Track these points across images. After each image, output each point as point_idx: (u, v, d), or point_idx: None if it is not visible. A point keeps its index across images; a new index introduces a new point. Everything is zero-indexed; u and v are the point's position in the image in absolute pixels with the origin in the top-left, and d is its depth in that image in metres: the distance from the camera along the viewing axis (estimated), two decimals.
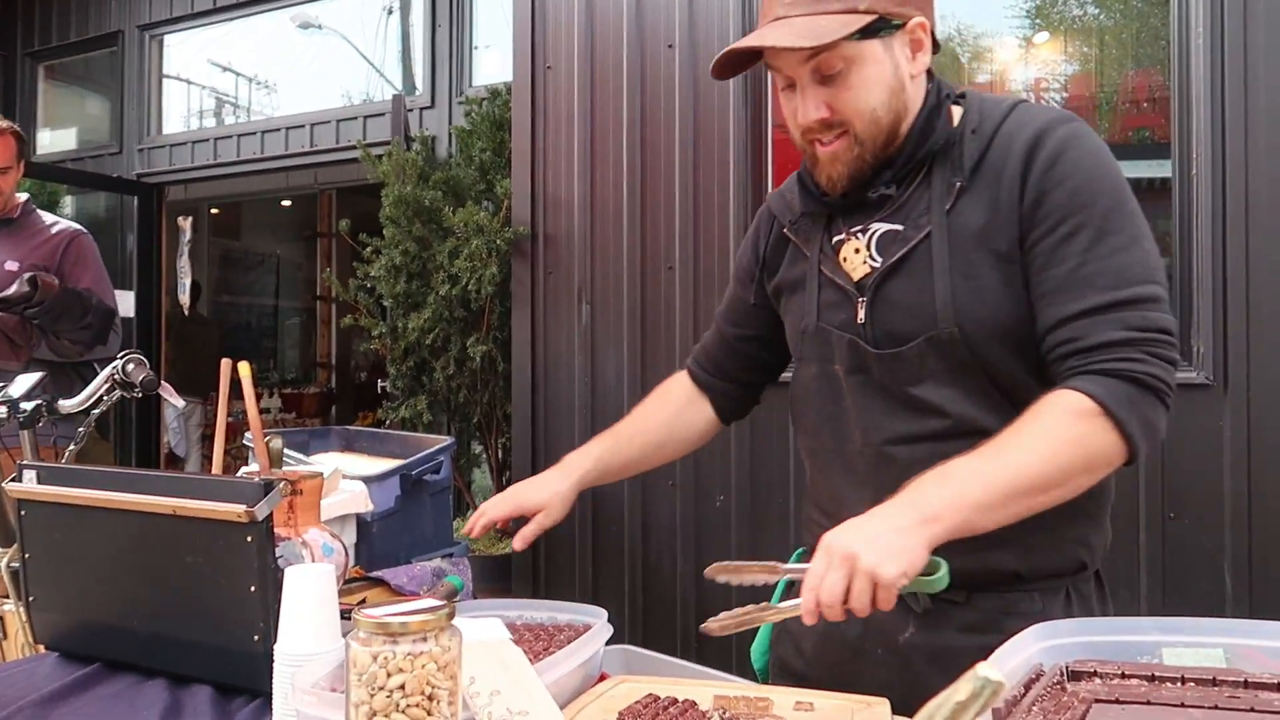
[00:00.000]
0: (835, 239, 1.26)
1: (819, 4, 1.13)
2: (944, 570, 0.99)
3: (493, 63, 4.77)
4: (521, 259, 3.40)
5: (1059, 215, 1.12)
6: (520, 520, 1.42)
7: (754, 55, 1.21)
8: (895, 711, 1.04)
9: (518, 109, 3.44)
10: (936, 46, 1.22)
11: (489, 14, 4.80)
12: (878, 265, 1.21)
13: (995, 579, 1.19)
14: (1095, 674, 0.89)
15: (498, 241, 3.49)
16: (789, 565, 1.08)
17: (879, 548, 0.97)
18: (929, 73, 1.23)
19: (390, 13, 5.31)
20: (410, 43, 5.16)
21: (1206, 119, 2.45)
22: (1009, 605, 1.19)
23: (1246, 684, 0.84)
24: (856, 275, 1.23)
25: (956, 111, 1.22)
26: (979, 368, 1.16)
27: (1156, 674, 0.87)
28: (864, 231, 1.23)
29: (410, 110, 4.76)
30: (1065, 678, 0.90)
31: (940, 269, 1.16)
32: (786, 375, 1.47)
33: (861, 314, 1.21)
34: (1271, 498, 2.37)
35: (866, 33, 1.13)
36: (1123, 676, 0.88)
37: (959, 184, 1.17)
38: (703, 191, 3.10)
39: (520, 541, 1.38)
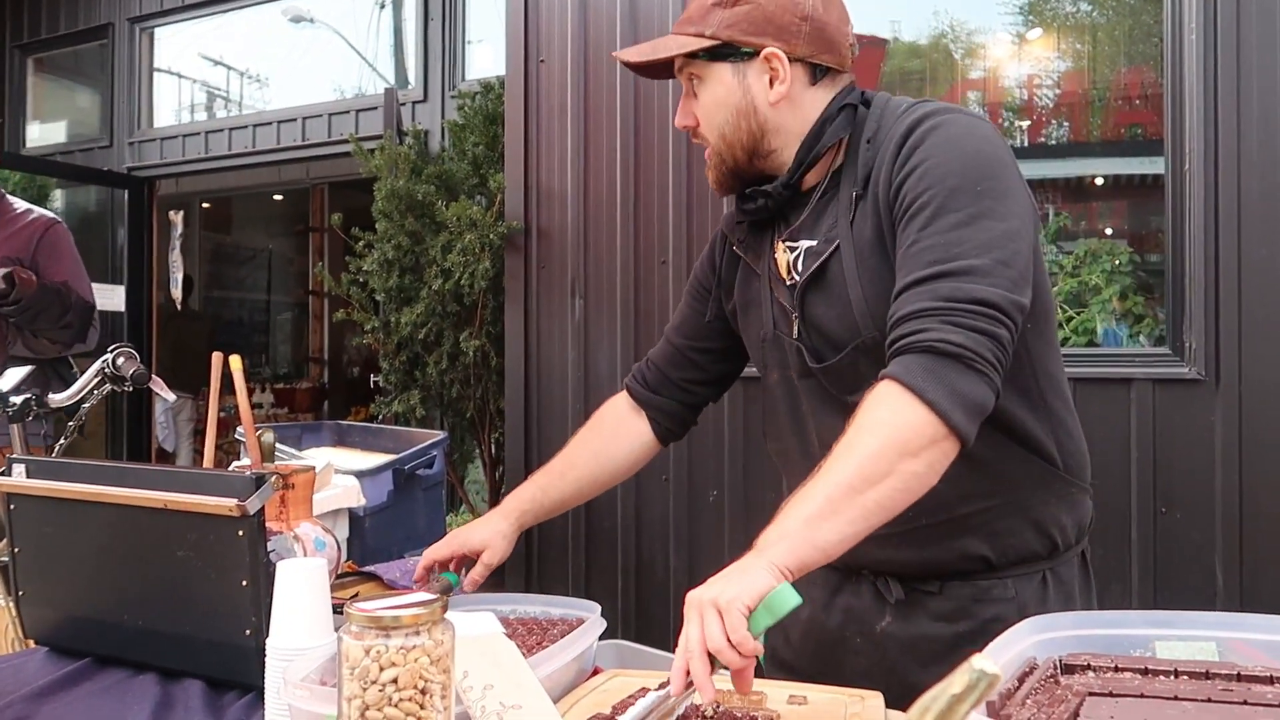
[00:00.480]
0: (776, 254, 1.30)
1: (685, 25, 1.24)
2: (785, 587, 0.94)
3: (485, 56, 4.76)
4: (514, 253, 3.39)
5: (909, 199, 1.12)
6: (469, 563, 1.42)
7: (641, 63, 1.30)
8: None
9: (511, 103, 3.42)
10: (815, 77, 1.23)
11: (482, 7, 4.79)
12: (798, 280, 1.25)
13: (966, 567, 1.21)
14: (1089, 667, 0.89)
15: (490, 236, 3.48)
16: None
17: (719, 585, 0.96)
18: (859, 93, 1.25)
19: (382, 6, 5.29)
20: (403, 36, 5.14)
21: (1199, 115, 2.45)
22: (981, 593, 1.21)
23: (1239, 677, 0.85)
24: (788, 283, 1.27)
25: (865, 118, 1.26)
26: None
27: (1149, 667, 0.88)
28: (791, 247, 1.27)
29: (403, 104, 4.74)
30: (1058, 671, 0.90)
31: (851, 279, 1.18)
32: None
33: (796, 329, 1.25)
34: (1262, 493, 2.38)
35: (715, 55, 1.21)
36: (1116, 670, 0.88)
37: (855, 194, 1.20)
38: (696, 185, 3.09)
39: (469, 585, 1.38)
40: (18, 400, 1.90)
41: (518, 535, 1.43)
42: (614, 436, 1.51)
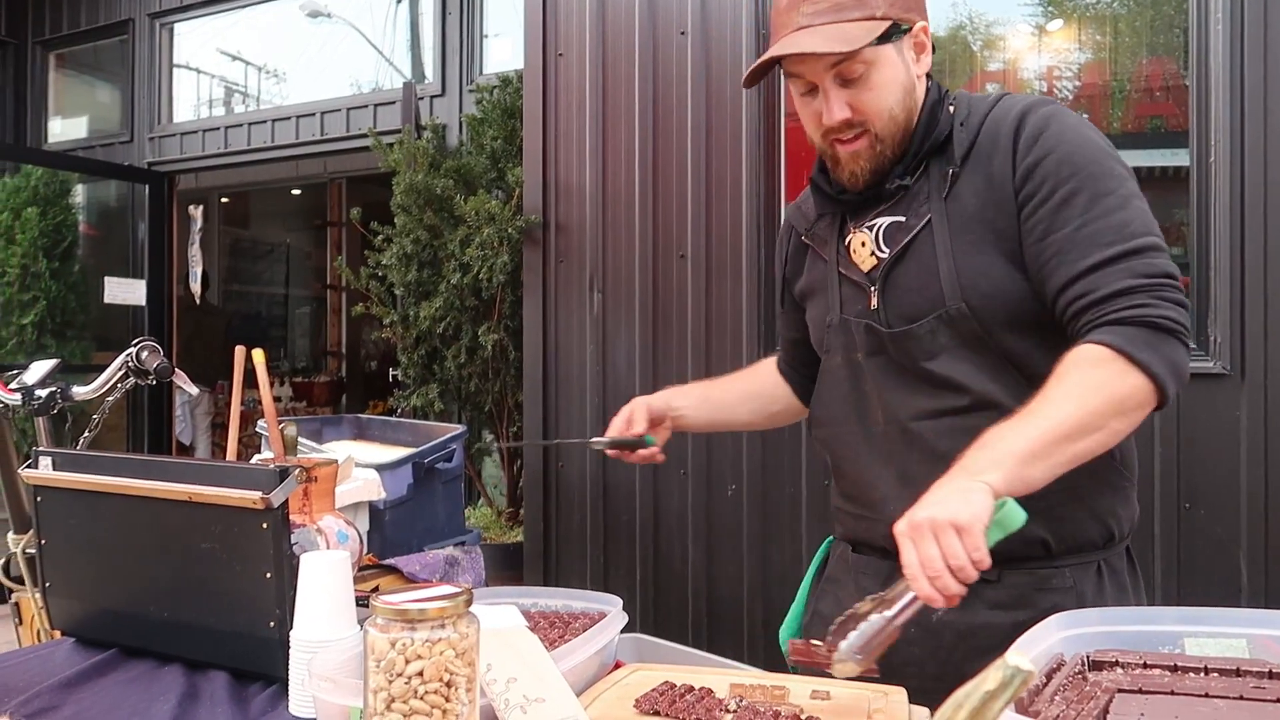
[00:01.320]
0: (846, 239, 1.34)
1: (840, 13, 1.22)
2: (1012, 503, 1.00)
3: (504, 50, 4.75)
4: (533, 247, 3.39)
5: (1052, 183, 1.18)
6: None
7: (771, 63, 1.29)
8: (925, 688, 1.04)
9: (529, 97, 3.42)
10: (934, 48, 1.32)
11: (500, 1, 4.78)
12: (884, 256, 1.28)
13: (1026, 552, 1.22)
14: (1117, 663, 0.88)
15: (509, 230, 3.48)
16: (877, 598, 1.03)
17: (947, 505, 1.00)
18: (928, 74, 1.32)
19: (399, 0, 5.30)
20: (420, 30, 5.14)
21: (1225, 107, 2.42)
22: (1040, 581, 1.22)
23: (1271, 674, 0.83)
24: (865, 267, 1.30)
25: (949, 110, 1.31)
26: (991, 344, 1.21)
27: (1179, 664, 0.87)
28: (870, 227, 1.31)
29: (421, 98, 4.75)
30: (1087, 667, 0.89)
31: (943, 251, 1.23)
32: None
33: (874, 301, 1.29)
34: None
35: (884, 37, 1.22)
36: (1145, 666, 0.87)
37: (952, 171, 1.25)
38: (715, 179, 3.08)
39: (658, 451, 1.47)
40: (43, 393, 1.92)
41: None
42: (777, 381, 1.60)
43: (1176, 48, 2.73)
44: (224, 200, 9.67)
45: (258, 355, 1.48)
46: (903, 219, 1.28)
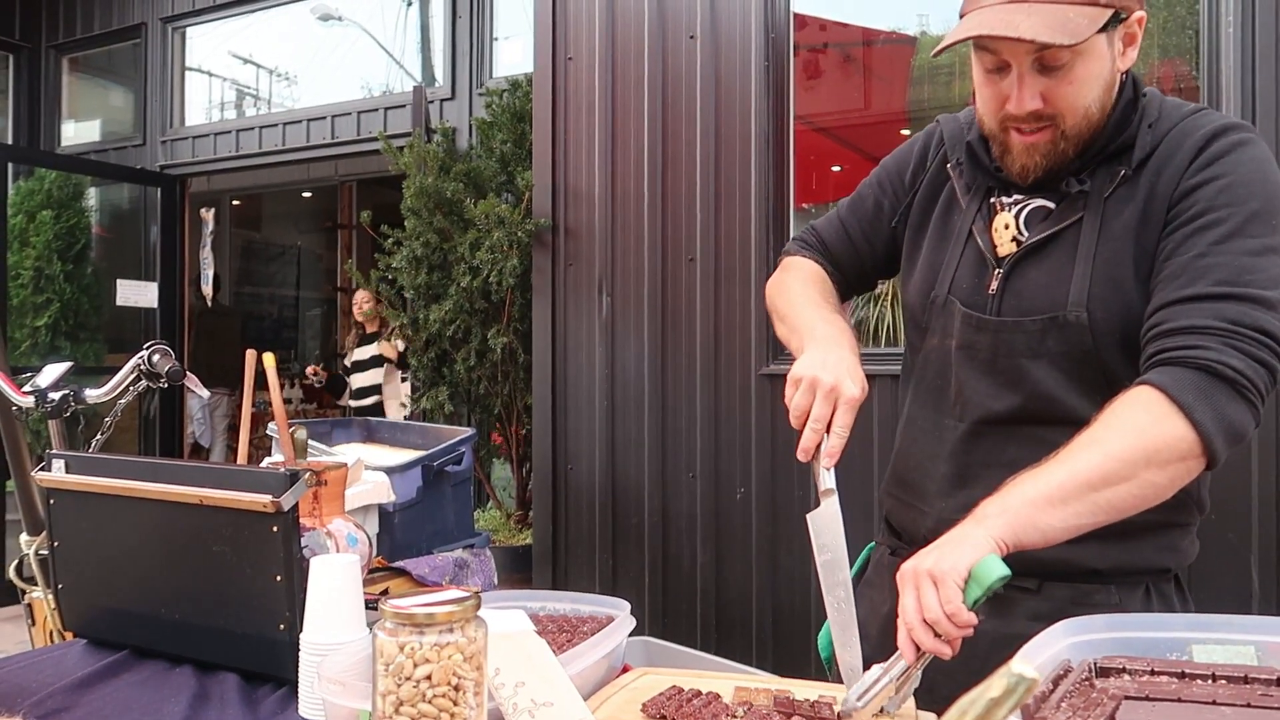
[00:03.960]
0: (991, 200, 1.23)
1: None
2: (991, 557, 0.94)
3: (513, 54, 4.77)
4: (542, 250, 3.40)
5: (1201, 207, 1.07)
6: None
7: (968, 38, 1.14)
8: (956, 696, 1.02)
9: (539, 100, 3.43)
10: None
11: (509, 5, 4.80)
12: (1023, 240, 1.18)
13: (1070, 571, 1.16)
14: (1124, 670, 0.88)
15: (518, 233, 3.49)
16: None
17: (934, 555, 0.96)
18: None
19: (410, 4, 5.32)
20: (430, 34, 5.17)
21: (1237, 108, 2.42)
22: (1081, 596, 1.15)
23: (1279, 681, 0.83)
24: (1003, 249, 1.20)
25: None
26: (1095, 360, 1.12)
27: (1186, 671, 0.86)
28: (1020, 206, 1.20)
29: (431, 102, 4.77)
30: (1094, 674, 0.89)
31: (1084, 254, 1.12)
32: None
33: (994, 285, 1.19)
34: None
35: (1102, 26, 1.08)
36: (1152, 673, 0.87)
37: (1124, 172, 1.14)
38: (724, 183, 3.09)
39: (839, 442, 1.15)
40: (56, 396, 1.93)
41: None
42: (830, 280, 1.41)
43: (1188, 49, 2.72)
44: (235, 203, 9.71)
45: (268, 359, 1.49)
46: (1053, 206, 1.17)
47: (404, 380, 5.59)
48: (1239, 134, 1.12)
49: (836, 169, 3.76)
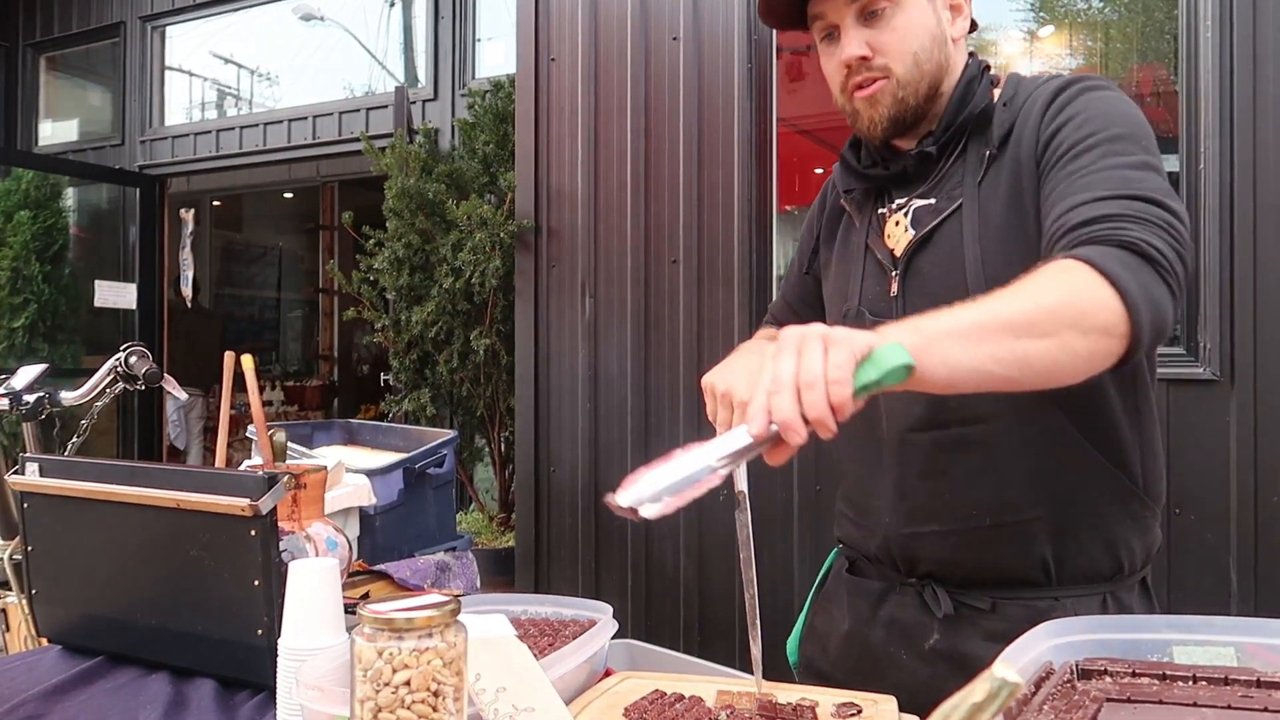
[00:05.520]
0: (880, 211, 1.26)
1: None
2: (897, 345, 0.81)
3: (496, 55, 4.76)
4: (525, 252, 3.39)
5: (1069, 144, 1.08)
6: None
7: (797, 11, 1.22)
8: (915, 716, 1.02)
9: (521, 101, 3.42)
10: (974, 27, 1.25)
11: (492, 6, 4.78)
12: (911, 235, 1.20)
13: (1025, 577, 1.15)
14: (1106, 672, 0.88)
15: (501, 234, 3.48)
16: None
17: (823, 328, 0.83)
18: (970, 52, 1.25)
19: (392, 4, 5.30)
20: (413, 34, 5.15)
21: (1215, 114, 2.44)
22: (1037, 614, 1.11)
23: (1259, 683, 0.84)
24: (899, 250, 1.22)
25: (995, 91, 1.22)
26: None
27: (1168, 673, 0.87)
28: (904, 208, 1.23)
29: (413, 102, 4.75)
30: (1075, 676, 0.89)
31: (970, 238, 1.14)
32: None
33: (894, 287, 1.20)
34: (1277, 493, 2.36)
35: None
36: (1134, 675, 0.87)
37: (988, 153, 1.17)
38: (707, 185, 3.09)
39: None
40: (31, 399, 1.91)
41: None
42: None
43: (1167, 54, 2.74)
44: (216, 203, 9.64)
45: (247, 361, 1.48)
46: (933, 201, 1.20)
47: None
48: (1090, 82, 1.14)
49: (819, 171, 3.77)
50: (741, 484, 1.03)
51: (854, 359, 0.79)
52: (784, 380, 0.78)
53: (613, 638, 1.22)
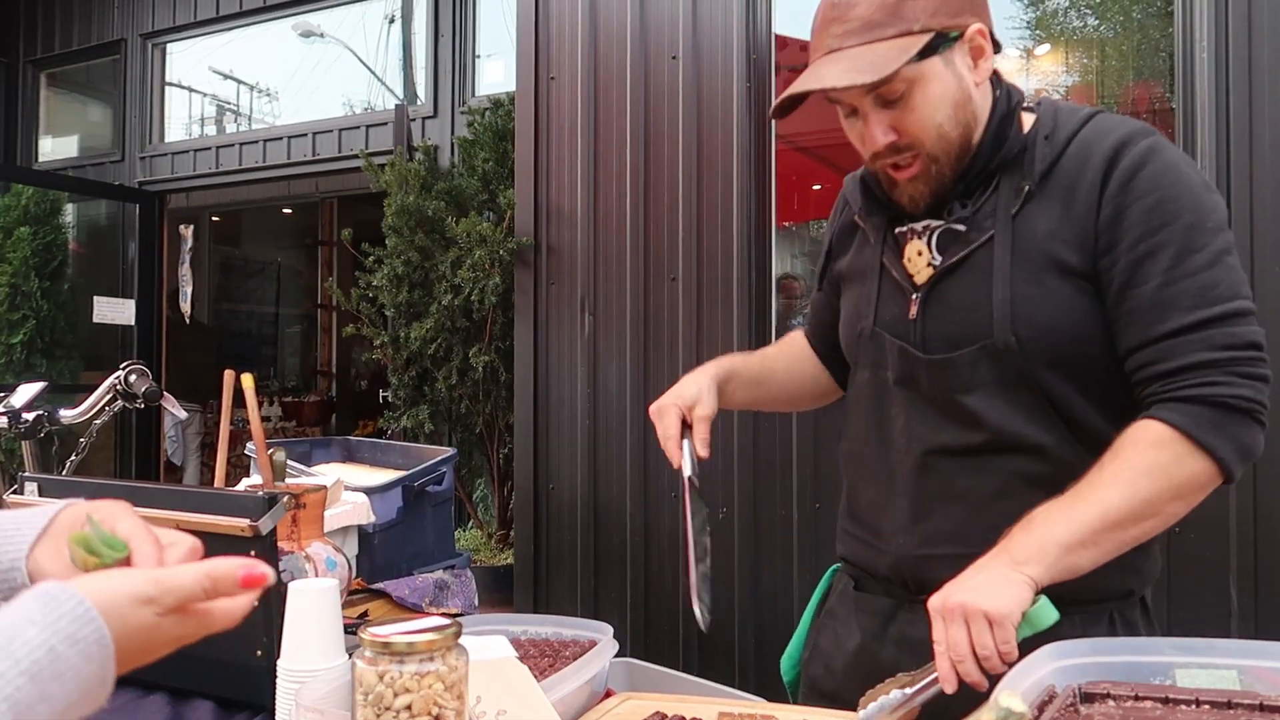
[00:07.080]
0: (898, 230, 1.25)
1: (873, 31, 1.10)
2: (1045, 601, 1.01)
3: (496, 72, 4.78)
4: (524, 269, 3.40)
5: (1139, 231, 1.09)
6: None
7: (801, 96, 1.17)
8: None
9: (521, 119, 3.44)
10: (998, 47, 1.19)
11: (492, 24, 4.81)
12: (938, 265, 1.19)
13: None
14: (1109, 696, 0.88)
15: (500, 252, 3.49)
16: (910, 675, 1.04)
17: (985, 592, 0.98)
18: (998, 77, 1.20)
19: (392, 22, 5.32)
20: (413, 52, 5.17)
21: (1211, 132, 2.45)
22: (1046, 632, 1.11)
23: (1262, 707, 0.83)
24: (920, 278, 1.21)
25: (1028, 118, 1.20)
26: (1032, 383, 1.13)
27: (1170, 696, 0.86)
28: (926, 230, 1.21)
29: (413, 120, 4.76)
30: (1078, 700, 0.89)
31: (1000, 275, 1.13)
32: None
33: (914, 310, 1.20)
34: (1277, 510, 2.36)
35: (925, 52, 1.10)
36: (1136, 698, 0.87)
37: (1027, 188, 1.14)
38: (706, 202, 3.10)
39: (703, 449, 1.27)
40: (30, 417, 1.91)
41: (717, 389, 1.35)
42: (807, 356, 1.50)
43: (1163, 71, 2.76)
44: (215, 219, 9.65)
45: (246, 380, 1.48)
46: (962, 229, 1.17)
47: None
48: (1146, 140, 1.12)
49: (818, 188, 3.78)
50: (689, 470, 1.24)
51: (1015, 627, 0.98)
52: (964, 653, 0.98)
53: (612, 658, 1.22)
